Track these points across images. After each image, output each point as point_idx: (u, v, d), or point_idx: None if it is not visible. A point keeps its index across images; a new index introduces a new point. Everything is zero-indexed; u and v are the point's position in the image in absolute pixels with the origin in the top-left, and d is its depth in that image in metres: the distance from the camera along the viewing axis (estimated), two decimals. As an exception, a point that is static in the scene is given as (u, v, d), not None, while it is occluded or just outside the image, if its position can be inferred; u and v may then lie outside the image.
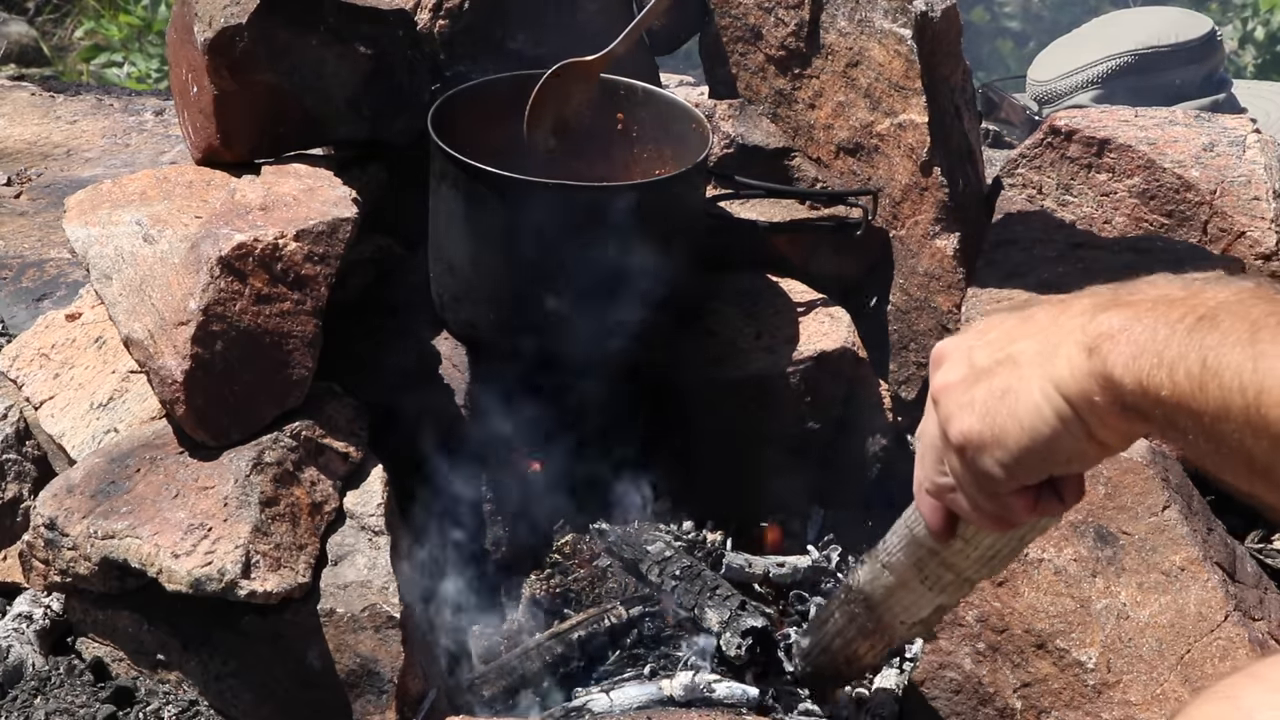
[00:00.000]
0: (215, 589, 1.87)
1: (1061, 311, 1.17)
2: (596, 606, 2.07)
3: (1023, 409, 1.16)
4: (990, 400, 1.18)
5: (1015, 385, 1.16)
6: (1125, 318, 1.11)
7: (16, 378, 2.32)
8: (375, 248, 2.31)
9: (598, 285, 2.16)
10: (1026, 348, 1.17)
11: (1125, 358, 1.09)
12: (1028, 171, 2.43)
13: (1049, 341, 1.15)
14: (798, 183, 2.43)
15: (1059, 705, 1.82)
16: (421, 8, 2.41)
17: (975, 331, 1.25)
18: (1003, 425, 1.17)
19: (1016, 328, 1.20)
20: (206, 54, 2.18)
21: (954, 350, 1.24)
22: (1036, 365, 1.15)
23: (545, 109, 2.24)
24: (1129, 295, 1.16)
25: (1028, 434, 1.16)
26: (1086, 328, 1.13)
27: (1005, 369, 1.18)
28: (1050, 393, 1.14)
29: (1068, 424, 1.14)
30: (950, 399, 1.21)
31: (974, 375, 1.20)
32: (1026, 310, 1.23)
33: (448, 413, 2.19)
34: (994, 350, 1.20)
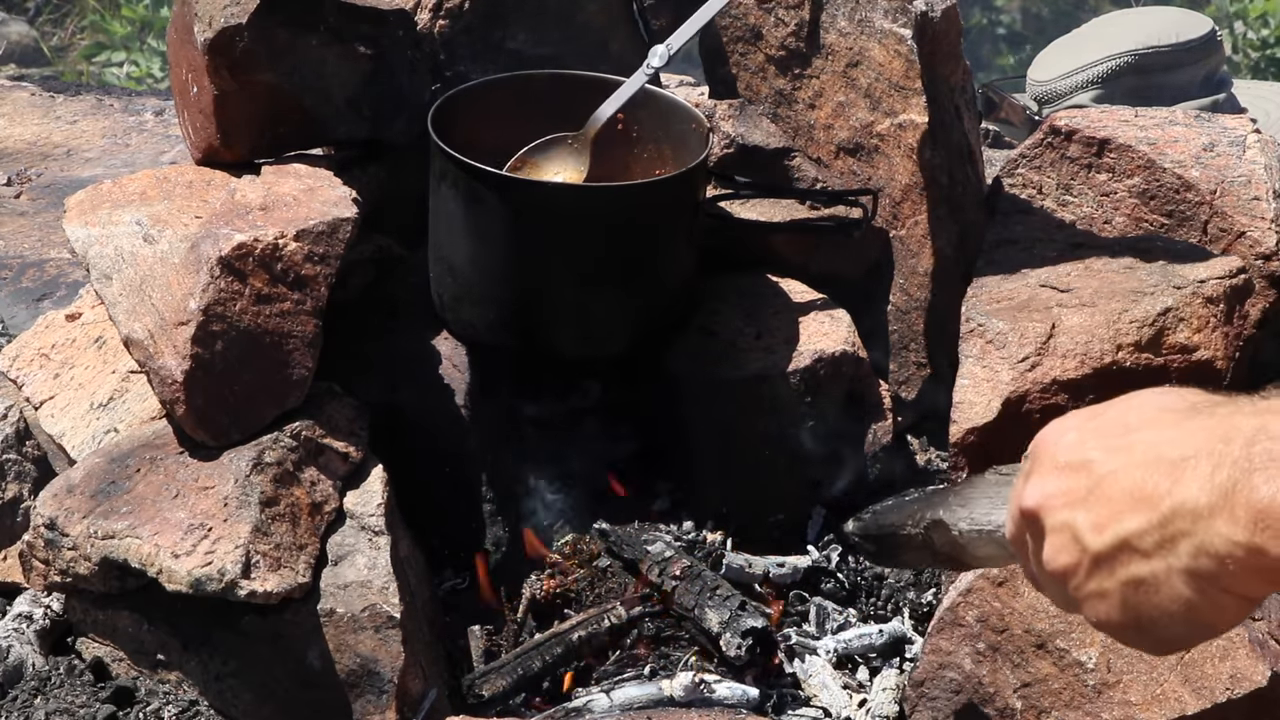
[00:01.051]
0: (215, 589, 1.87)
1: (1176, 480, 1.03)
2: (596, 606, 2.07)
3: (1168, 602, 1.04)
4: (1125, 592, 1.06)
5: (1149, 578, 1.04)
6: (1277, 488, 0.96)
7: (16, 378, 2.32)
8: (375, 248, 2.31)
9: (598, 285, 2.16)
10: (1145, 533, 1.04)
11: None
12: (1028, 171, 2.43)
13: (1178, 528, 1.02)
14: (798, 183, 2.43)
15: (1059, 705, 1.82)
16: (421, 8, 2.41)
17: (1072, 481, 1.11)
18: (1149, 617, 1.06)
19: (1120, 497, 1.06)
20: (206, 54, 2.18)
21: (1048, 514, 1.11)
22: (1169, 556, 1.03)
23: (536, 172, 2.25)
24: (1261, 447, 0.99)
25: (1180, 622, 1.05)
26: (1235, 516, 0.99)
27: (1127, 557, 1.05)
28: (1201, 586, 1.02)
29: (1224, 605, 1.03)
30: (1074, 584, 1.10)
31: (1091, 561, 1.08)
32: (1129, 442, 1.09)
33: (448, 413, 2.19)
34: (1103, 530, 1.06)
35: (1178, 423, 1.08)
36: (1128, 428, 1.11)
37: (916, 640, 2.11)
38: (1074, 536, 1.09)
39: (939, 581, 2.18)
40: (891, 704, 2.00)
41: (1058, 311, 2.14)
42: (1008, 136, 3.48)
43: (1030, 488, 1.14)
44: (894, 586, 2.20)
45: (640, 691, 1.95)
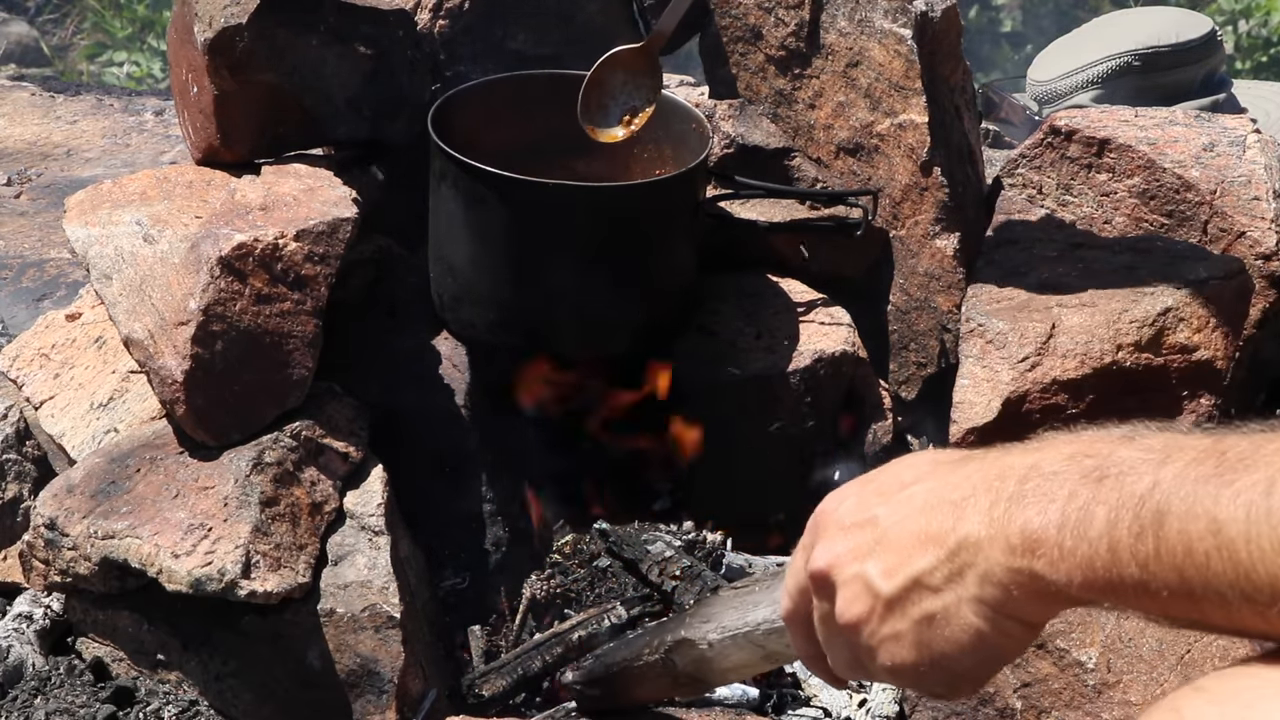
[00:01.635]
0: (215, 589, 1.87)
1: (958, 512, 1.09)
2: (596, 606, 2.07)
3: (959, 632, 1.09)
4: (918, 631, 1.11)
5: (939, 612, 1.09)
6: (1051, 524, 1.02)
7: (16, 378, 2.32)
8: (375, 248, 2.31)
9: (598, 285, 2.16)
10: (934, 569, 1.09)
11: (1080, 579, 1.01)
12: (1028, 171, 2.43)
13: (963, 560, 1.07)
14: (798, 183, 2.43)
15: (1059, 705, 1.82)
16: (421, 8, 2.41)
17: (845, 539, 1.15)
18: (940, 650, 1.10)
19: (907, 541, 1.11)
20: (206, 54, 2.18)
21: (836, 571, 1.15)
22: (958, 588, 1.08)
23: (602, 95, 2.21)
24: (1032, 485, 1.05)
25: (969, 653, 1.09)
26: (1010, 545, 1.05)
27: (919, 595, 1.10)
28: (987, 614, 1.07)
29: (1010, 631, 1.08)
30: (868, 632, 1.13)
31: (884, 605, 1.12)
32: (908, 496, 1.14)
33: (448, 413, 2.19)
34: (894, 573, 1.11)
35: (953, 470, 1.13)
36: (903, 483, 1.15)
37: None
38: (866, 585, 1.13)
39: (939, 581, 2.17)
40: (891, 704, 2.00)
41: (1058, 311, 2.14)
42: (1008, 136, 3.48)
43: (818, 552, 1.17)
44: (894, 586, 2.20)
45: None
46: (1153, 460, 0.99)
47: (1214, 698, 0.91)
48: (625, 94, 2.21)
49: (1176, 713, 0.92)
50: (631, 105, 2.22)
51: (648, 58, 2.19)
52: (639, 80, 2.21)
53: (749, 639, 1.51)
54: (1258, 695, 0.89)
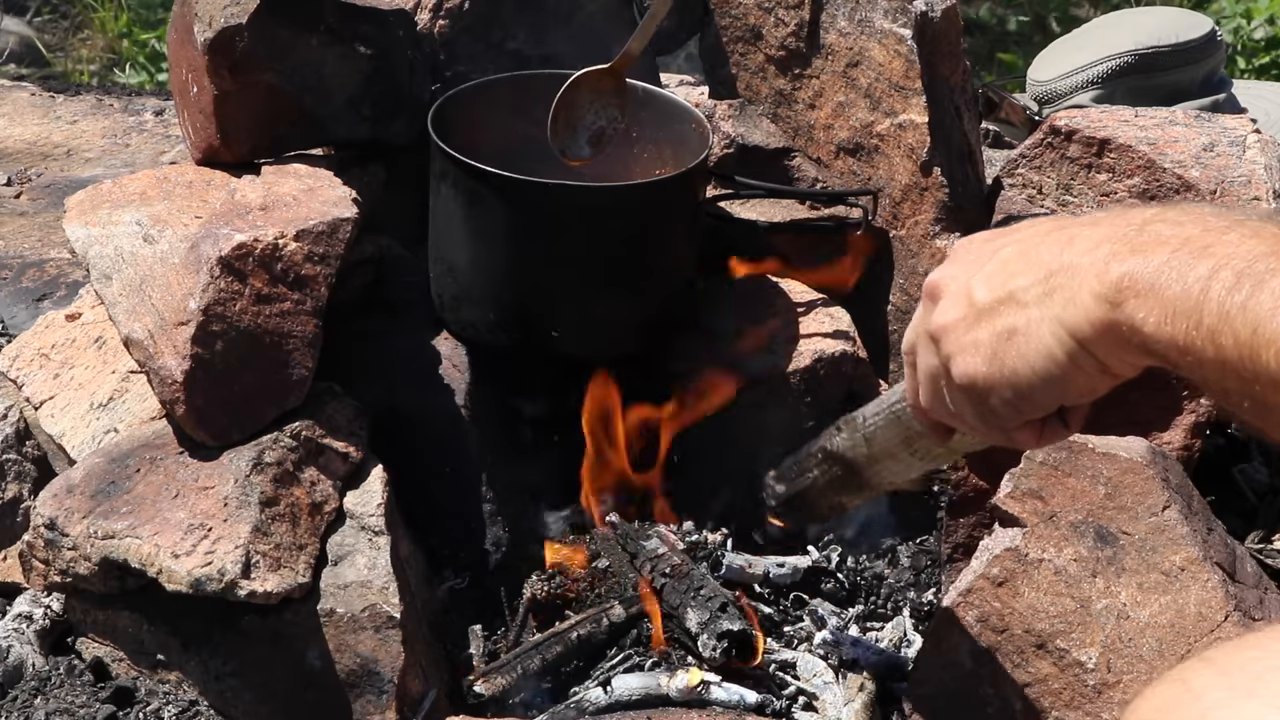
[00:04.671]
0: (215, 589, 1.87)
1: (1067, 245, 1.13)
2: (596, 606, 2.07)
3: (1033, 351, 1.13)
4: (996, 342, 1.15)
5: (1022, 326, 1.13)
6: (1150, 269, 1.05)
7: (16, 378, 2.32)
8: (375, 248, 2.31)
9: (598, 285, 2.16)
10: (1031, 286, 1.14)
11: (1156, 317, 1.04)
12: (1028, 171, 2.43)
13: (1057, 282, 1.12)
14: (798, 183, 2.43)
15: (1059, 705, 1.82)
16: (421, 8, 2.41)
17: (968, 260, 1.21)
18: (1012, 367, 1.14)
19: (1016, 261, 1.16)
20: (206, 54, 2.18)
21: (949, 282, 1.21)
22: (1045, 306, 1.12)
23: (571, 118, 2.22)
24: (1145, 237, 1.08)
25: (1039, 375, 1.13)
26: (1103, 275, 1.08)
27: (1009, 309, 1.15)
28: (1063, 337, 1.11)
29: (1082, 364, 1.12)
30: (952, 339, 1.18)
31: (975, 314, 1.17)
32: (1022, 235, 1.19)
33: (448, 413, 2.19)
34: (994, 287, 1.16)
35: (1085, 216, 1.18)
36: (1033, 224, 1.21)
37: (916, 640, 2.11)
38: (966, 295, 1.19)
39: (939, 581, 2.18)
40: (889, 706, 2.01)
41: (1058, 311, 2.14)
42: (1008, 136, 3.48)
43: (937, 269, 1.25)
44: (894, 586, 2.20)
45: (638, 682, 1.95)
46: (1264, 251, 1.02)
47: (1222, 669, 0.91)
48: (593, 115, 2.22)
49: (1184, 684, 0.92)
50: (599, 126, 2.23)
51: (615, 79, 2.20)
52: (606, 101, 2.21)
53: (893, 411, 1.60)
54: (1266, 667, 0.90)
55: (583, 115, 2.22)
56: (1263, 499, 2.30)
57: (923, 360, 1.25)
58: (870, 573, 2.22)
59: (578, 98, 2.20)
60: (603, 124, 2.23)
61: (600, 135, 2.23)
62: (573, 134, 2.22)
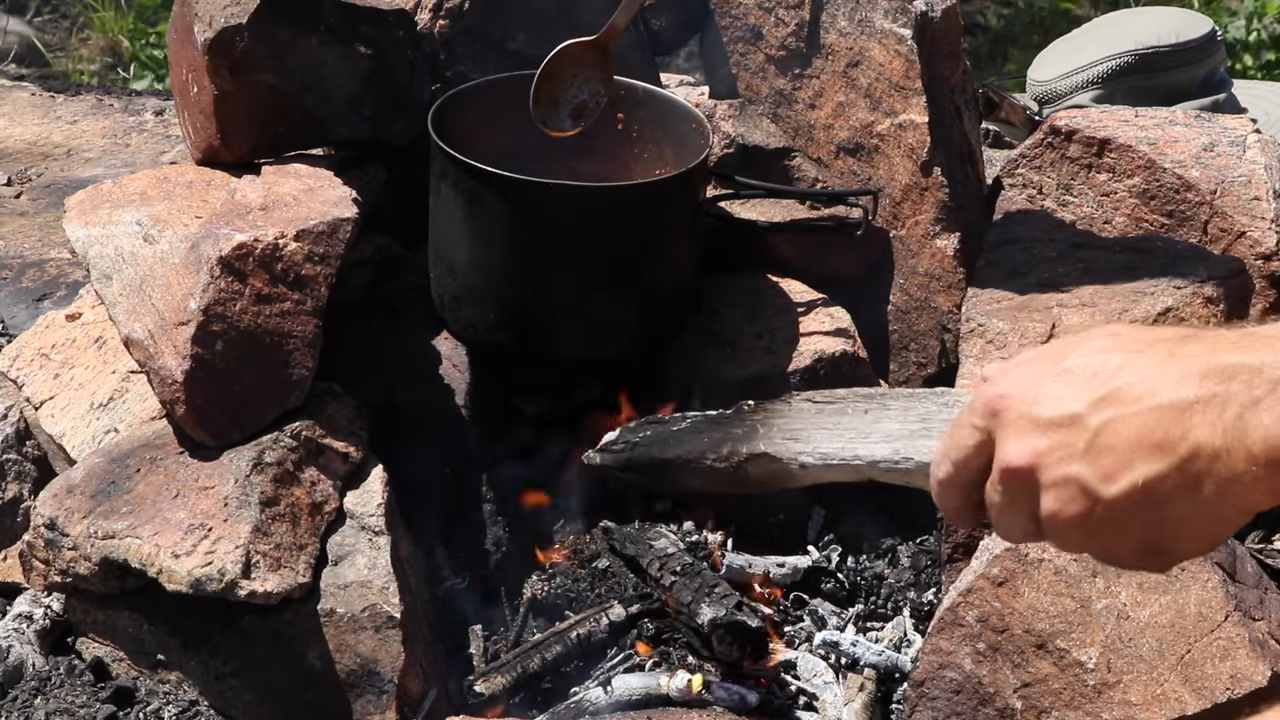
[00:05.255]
0: (215, 589, 1.87)
1: (1185, 420, 1.08)
2: (596, 606, 2.07)
3: (1194, 536, 1.11)
4: (1147, 531, 1.12)
5: (1171, 520, 1.10)
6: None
7: (16, 378, 2.32)
8: (375, 248, 2.31)
9: (597, 285, 2.16)
10: (1165, 476, 1.09)
11: None
12: (1028, 171, 2.43)
13: (1197, 468, 1.08)
14: (798, 183, 2.43)
15: (1059, 705, 1.82)
16: (421, 8, 2.41)
17: (1065, 436, 1.13)
18: (1170, 544, 1.12)
19: (1132, 445, 1.10)
20: (206, 54, 2.18)
21: (1048, 469, 1.14)
22: (1195, 496, 1.09)
23: (554, 90, 2.20)
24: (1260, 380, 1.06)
25: (1203, 543, 1.13)
26: (1252, 454, 1.05)
27: (1148, 501, 1.10)
28: (1229, 518, 1.09)
29: (1240, 522, 1.11)
30: (1079, 531, 1.14)
31: (1105, 508, 1.12)
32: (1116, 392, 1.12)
33: (448, 413, 2.19)
34: (1118, 478, 1.11)
35: (1160, 364, 1.12)
36: (1100, 377, 1.14)
37: (916, 640, 2.11)
38: (1082, 489, 1.12)
39: (939, 581, 2.18)
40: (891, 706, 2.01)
41: (1058, 311, 2.14)
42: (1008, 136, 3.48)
43: (1013, 446, 1.16)
44: (894, 586, 2.20)
45: (638, 682, 1.95)
46: None
47: None
48: (576, 89, 2.21)
49: None
50: (581, 100, 2.22)
51: (600, 52, 2.19)
52: (589, 74, 2.20)
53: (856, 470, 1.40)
54: None
55: (566, 88, 2.21)
56: (1263, 499, 2.30)
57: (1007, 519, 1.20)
58: (870, 573, 2.22)
59: (561, 70, 2.19)
60: (585, 97, 2.22)
61: (583, 108, 2.22)
62: (555, 106, 2.21)
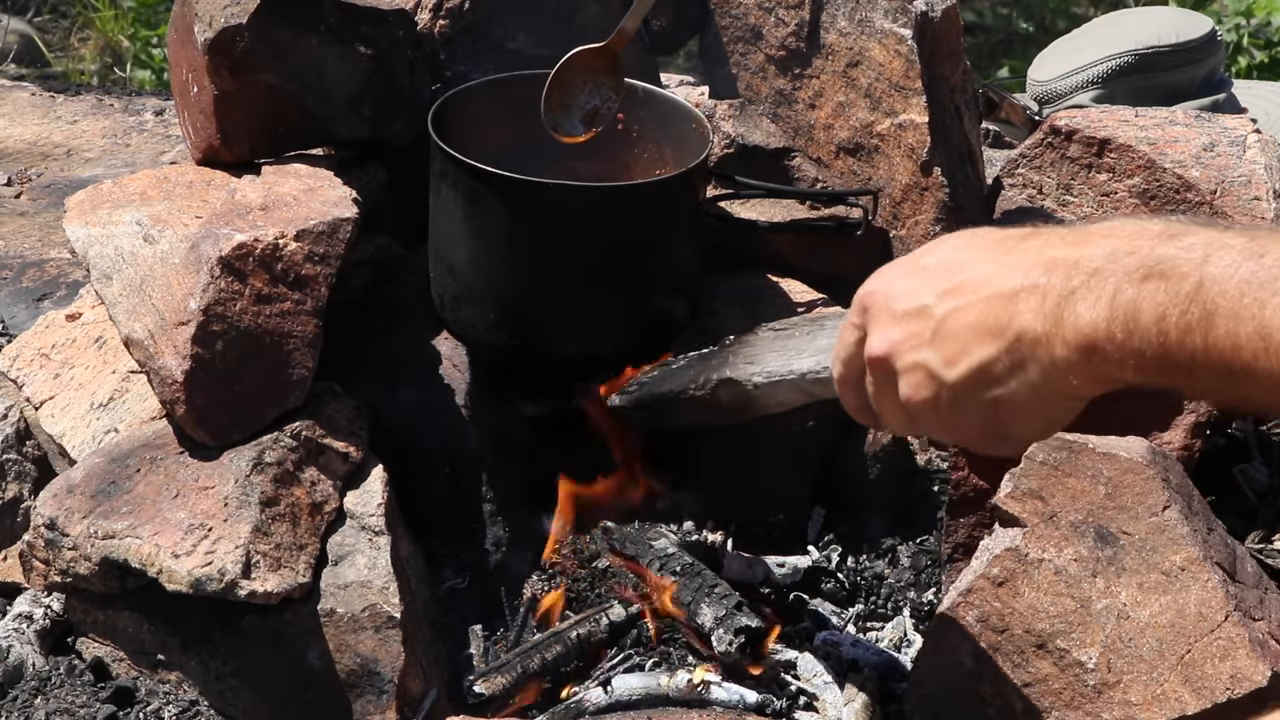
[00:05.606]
0: (215, 589, 1.87)
1: (1012, 307, 1.18)
2: (595, 606, 2.07)
3: (1025, 414, 1.20)
4: (985, 412, 1.22)
5: (1005, 399, 1.20)
6: (1103, 323, 1.12)
7: (16, 378, 2.32)
8: (375, 248, 2.31)
9: (597, 285, 2.16)
10: (998, 359, 1.19)
11: (1131, 367, 1.11)
12: (1028, 171, 2.43)
13: (1023, 353, 1.18)
14: (798, 183, 2.43)
15: (1059, 705, 1.82)
16: (421, 8, 2.41)
17: (914, 326, 1.25)
18: (1007, 429, 1.22)
19: (968, 331, 1.21)
20: (206, 54, 2.18)
21: (902, 355, 1.25)
22: (1020, 378, 1.18)
23: (565, 96, 2.21)
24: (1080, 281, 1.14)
25: (1038, 428, 1.22)
26: (1068, 341, 1.14)
27: (983, 383, 1.21)
28: (1050, 396, 1.18)
29: (1071, 406, 1.19)
30: (933, 411, 1.24)
31: (950, 391, 1.23)
32: (960, 283, 1.23)
33: (448, 412, 2.19)
34: (957, 362, 1.22)
35: (997, 258, 1.21)
36: (949, 270, 1.24)
37: (916, 640, 2.11)
38: (929, 373, 1.23)
39: (939, 581, 2.18)
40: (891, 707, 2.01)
41: (1058, 311, 2.14)
42: (1008, 136, 3.48)
43: (874, 338, 1.28)
44: (894, 586, 2.20)
45: (639, 682, 1.95)
46: (1195, 259, 1.07)
47: None
48: (587, 95, 2.22)
49: None
50: (593, 106, 2.23)
51: (610, 57, 2.20)
52: (600, 80, 2.21)
53: (794, 385, 1.61)
54: None
55: (577, 94, 2.22)
56: (1263, 499, 2.30)
57: (882, 405, 1.32)
58: (870, 573, 2.22)
59: (572, 76, 2.20)
60: (597, 103, 2.23)
61: (594, 114, 2.23)
62: (566, 112, 2.22)
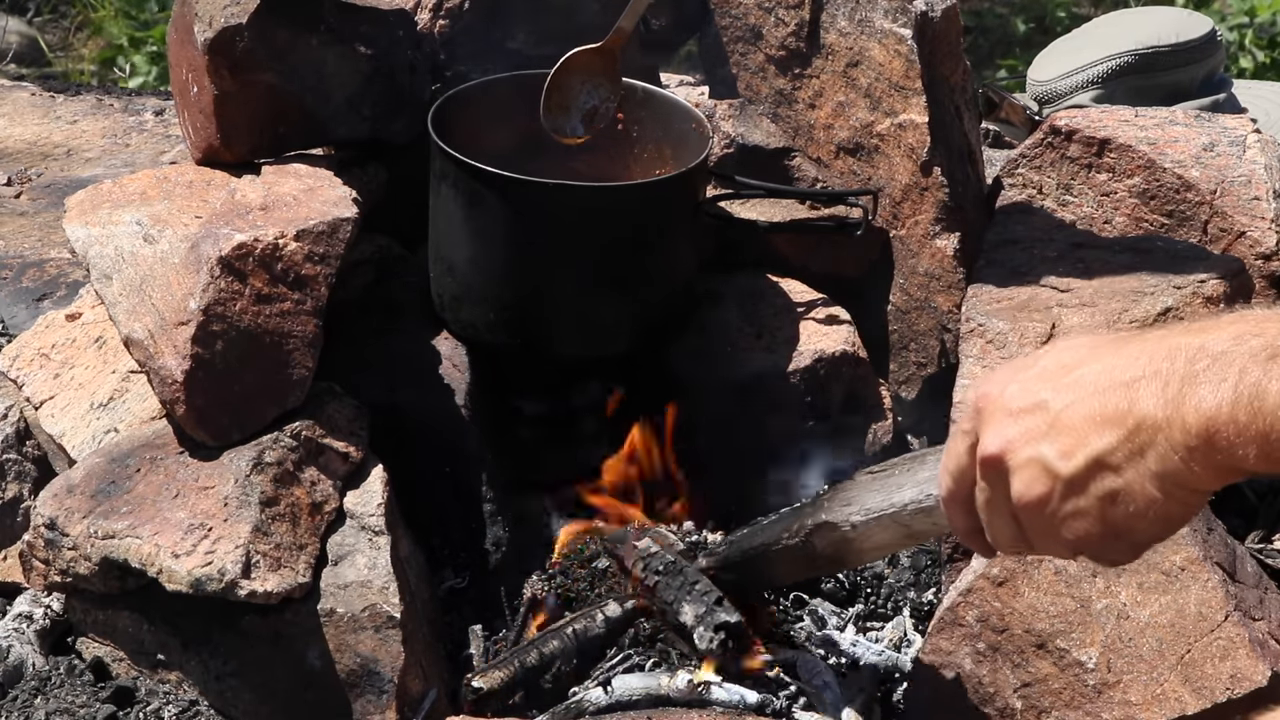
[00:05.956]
0: (215, 589, 1.87)
1: (1131, 395, 1.15)
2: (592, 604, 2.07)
3: (1143, 508, 1.17)
4: (1101, 508, 1.18)
5: (1123, 490, 1.17)
6: (1226, 406, 1.10)
7: (16, 378, 2.32)
8: (375, 248, 2.31)
9: (597, 285, 2.16)
10: (1116, 449, 1.16)
11: (1255, 453, 1.09)
12: (1028, 171, 2.43)
13: (1143, 440, 1.15)
14: (798, 183, 2.43)
15: (1059, 705, 1.82)
16: (421, 8, 2.41)
17: (1016, 422, 1.21)
18: (1126, 525, 1.18)
19: (1086, 421, 1.17)
20: (206, 54, 2.18)
21: (1017, 452, 1.21)
22: (1139, 467, 1.15)
23: (564, 98, 2.22)
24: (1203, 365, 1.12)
25: (1155, 525, 1.18)
26: (1186, 427, 1.12)
27: (1101, 475, 1.17)
28: (1169, 489, 1.15)
29: (1190, 503, 1.17)
30: (1048, 511, 1.20)
31: (1065, 485, 1.19)
32: (1076, 379, 1.19)
33: (448, 413, 2.19)
34: (1074, 455, 1.18)
35: (1117, 351, 1.19)
36: (1066, 367, 1.21)
37: (916, 640, 2.11)
38: (1044, 468, 1.19)
39: (939, 581, 2.18)
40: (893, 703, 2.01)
41: (1058, 311, 2.14)
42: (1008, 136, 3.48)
43: (988, 438, 1.24)
44: (894, 586, 2.20)
45: (639, 682, 1.95)
46: None
47: None
48: (585, 95, 2.23)
49: None
50: (592, 106, 2.23)
51: (607, 58, 2.21)
52: (598, 81, 2.22)
53: (895, 520, 1.57)
54: None
55: (576, 95, 2.23)
56: (1263, 499, 2.30)
57: (993, 520, 1.27)
58: (870, 573, 2.22)
59: (570, 78, 2.21)
60: (595, 103, 2.24)
61: (594, 114, 2.24)
62: (566, 113, 2.23)
